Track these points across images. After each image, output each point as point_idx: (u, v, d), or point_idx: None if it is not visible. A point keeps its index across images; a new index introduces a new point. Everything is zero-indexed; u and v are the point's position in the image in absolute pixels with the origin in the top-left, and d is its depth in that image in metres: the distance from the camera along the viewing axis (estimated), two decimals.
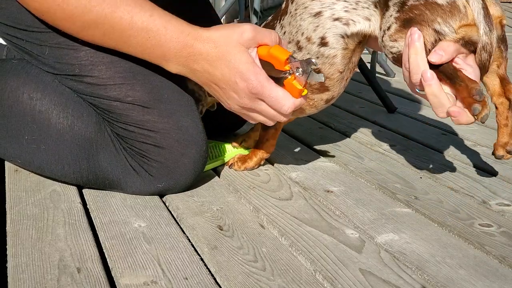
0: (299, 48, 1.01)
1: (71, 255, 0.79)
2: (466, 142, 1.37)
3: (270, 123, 0.97)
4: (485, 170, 1.17)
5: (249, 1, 3.49)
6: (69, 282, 0.73)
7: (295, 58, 0.91)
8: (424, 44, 0.88)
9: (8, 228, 0.88)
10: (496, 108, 0.99)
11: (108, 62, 0.98)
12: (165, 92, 1.00)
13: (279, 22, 1.04)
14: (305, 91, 0.93)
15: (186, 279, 0.74)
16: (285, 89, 0.92)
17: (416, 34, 0.88)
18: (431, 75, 0.88)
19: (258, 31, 0.92)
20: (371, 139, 1.38)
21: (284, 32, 1.03)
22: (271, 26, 1.07)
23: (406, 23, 0.89)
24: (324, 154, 1.26)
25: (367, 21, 0.96)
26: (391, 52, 0.93)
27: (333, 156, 1.25)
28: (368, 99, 1.82)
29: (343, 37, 0.97)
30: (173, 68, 0.94)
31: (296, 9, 1.00)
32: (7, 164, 1.13)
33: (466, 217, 0.95)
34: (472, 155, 1.28)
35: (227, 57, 0.91)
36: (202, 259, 0.80)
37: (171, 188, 1.01)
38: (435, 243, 0.85)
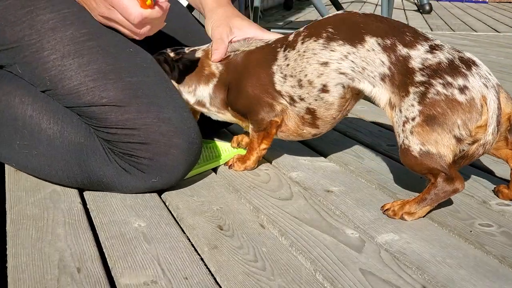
0: (300, 86, 1.04)
1: (71, 255, 0.79)
2: None
3: (134, 36, 1.01)
4: (485, 170, 1.17)
5: (249, 1, 3.49)
6: (69, 282, 0.73)
7: None
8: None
9: (8, 228, 0.88)
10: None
11: (76, 68, 0.97)
12: (140, 87, 0.98)
13: (284, 52, 1.06)
14: (149, 1, 0.98)
15: (186, 279, 0.74)
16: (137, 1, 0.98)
17: None
18: None
19: None
20: (371, 139, 1.38)
21: (288, 65, 1.05)
22: (272, 47, 1.08)
23: (429, 120, 0.90)
24: (324, 154, 1.26)
25: (371, 85, 0.98)
26: (406, 139, 0.93)
27: (333, 156, 1.25)
28: (368, 99, 1.81)
29: (344, 87, 1.01)
30: None
31: (305, 51, 1.03)
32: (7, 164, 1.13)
33: (466, 217, 0.95)
34: None
35: None
36: (202, 259, 0.79)
37: (167, 182, 1.00)
38: (435, 243, 0.85)
